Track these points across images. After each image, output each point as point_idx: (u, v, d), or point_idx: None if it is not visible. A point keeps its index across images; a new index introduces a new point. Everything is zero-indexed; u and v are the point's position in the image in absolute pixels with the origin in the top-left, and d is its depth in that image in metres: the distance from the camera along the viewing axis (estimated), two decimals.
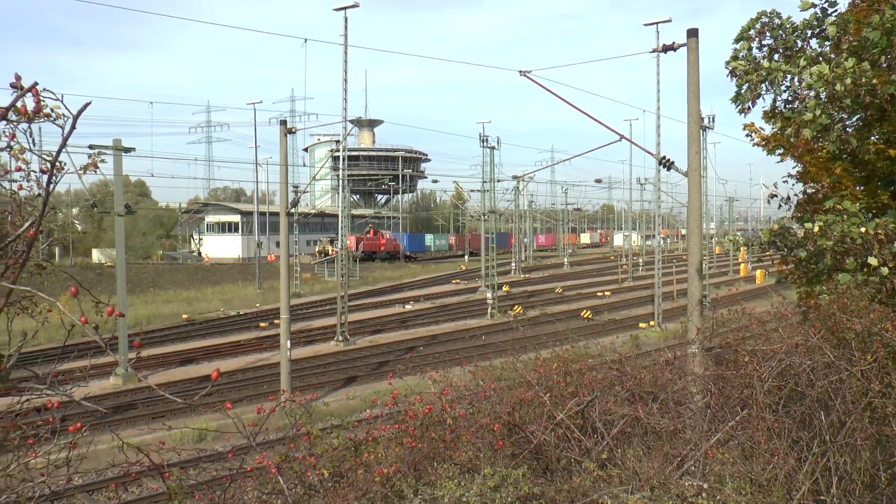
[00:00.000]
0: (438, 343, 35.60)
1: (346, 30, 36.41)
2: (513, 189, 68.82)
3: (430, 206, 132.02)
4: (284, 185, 26.13)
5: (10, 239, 3.37)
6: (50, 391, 3.59)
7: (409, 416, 7.32)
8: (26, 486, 3.90)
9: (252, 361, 31.06)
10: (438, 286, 61.48)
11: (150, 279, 60.37)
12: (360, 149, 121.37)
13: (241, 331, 39.10)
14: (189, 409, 24.04)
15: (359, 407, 23.51)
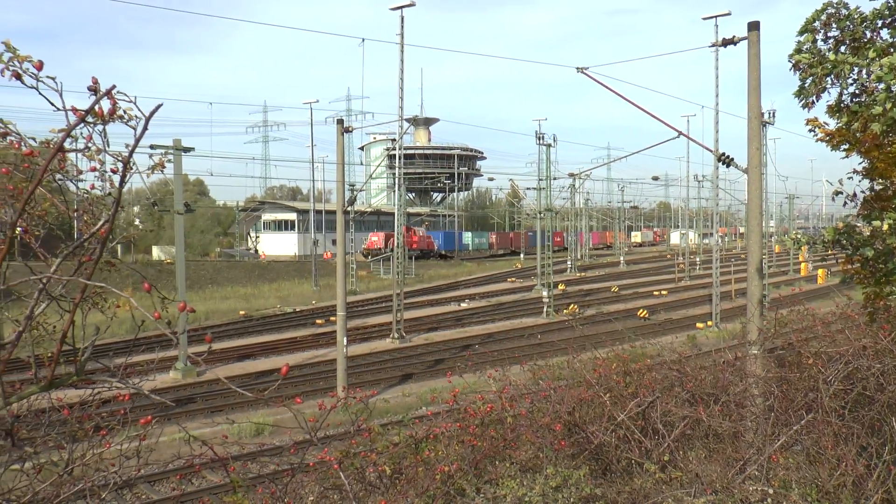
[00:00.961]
0: (494, 341, 35.54)
1: (402, 29, 36.57)
2: (569, 187, 68.32)
3: (486, 204, 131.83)
4: (341, 183, 26.36)
5: (85, 237, 3.47)
6: (121, 384, 3.69)
7: (468, 414, 7.30)
8: (99, 476, 4.00)
9: (308, 358, 31.41)
10: (494, 284, 61.37)
11: (208, 276, 61.41)
12: (415, 147, 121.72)
13: (297, 327, 39.55)
14: (246, 404, 24.44)
15: (415, 404, 23.60)
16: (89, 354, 3.70)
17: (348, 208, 27.42)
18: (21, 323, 3.74)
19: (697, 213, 79.86)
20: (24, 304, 3.85)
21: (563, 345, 32.26)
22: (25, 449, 4.14)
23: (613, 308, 46.59)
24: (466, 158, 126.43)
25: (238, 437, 19.85)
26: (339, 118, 28.20)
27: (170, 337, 3.05)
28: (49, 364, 3.83)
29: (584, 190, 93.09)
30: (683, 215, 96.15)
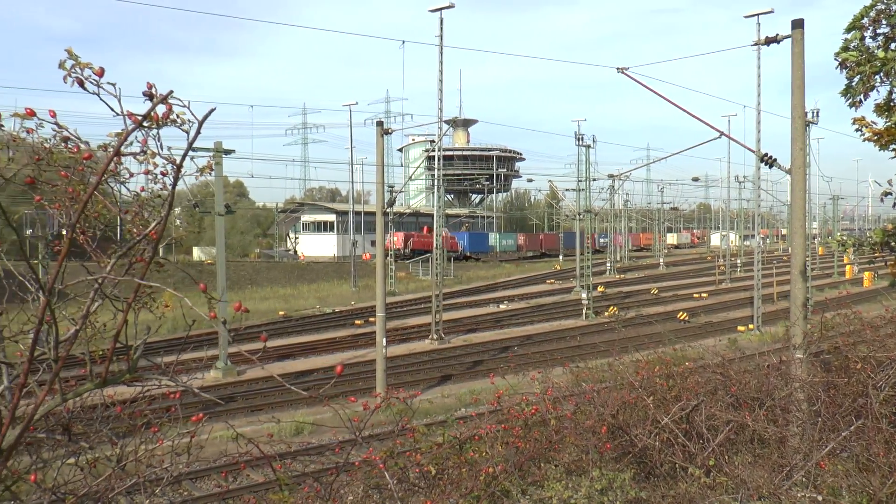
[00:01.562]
0: (533, 343, 35.45)
1: (441, 31, 36.66)
2: (608, 188, 67.86)
3: (525, 206, 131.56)
4: (381, 184, 26.48)
5: (138, 238, 3.55)
6: (171, 382, 3.76)
7: (512, 415, 7.29)
8: (151, 471, 4.09)
9: (347, 358, 31.58)
10: (533, 286, 61.21)
11: (248, 276, 62.05)
12: (454, 148, 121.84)
13: (336, 328, 39.79)
14: (286, 403, 24.66)
15: (454, 405, 23.63)
16: (141, 352, 3.78)
17: (388, 209, 27.52)
18: (77, 321, 3.83)
19: (738, 215, 78.64)
20: (76, 303, 3.95)
21: (602, 347, 32.09)
22: (80, 444, 4.25)
23: (653, 310, 46.19)
24: (505, 160, 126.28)
25: (278, 436, 20.05)
26: (379, 120, 28.35)
27: (226, 336, 3.11)
28: (101, 361, 3.92)
29: (623, 191, 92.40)
30: (724, 217, 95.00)
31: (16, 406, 3.40)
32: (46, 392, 3.56)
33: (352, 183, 75.67)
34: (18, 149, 3.66)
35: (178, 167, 3.25)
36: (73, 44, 22.45)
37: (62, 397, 3.75)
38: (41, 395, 3.54)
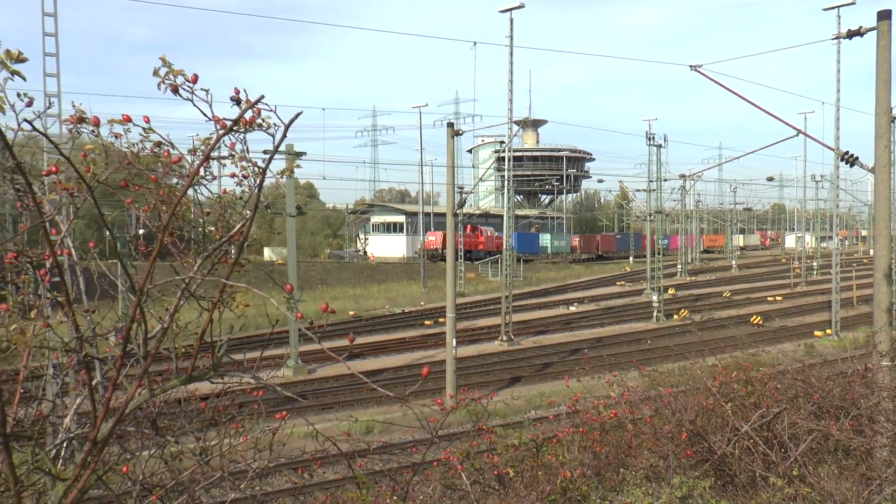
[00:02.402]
0: (603, 346, 35.10)
1: (511, 31, 36.61)
2: (679, 188, 66.71)
3: (595, 207, 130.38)
4: (451, 185, 26.56)
5: (224, 239, 3.64)
6: (253, 379, 3.86)
7: (588, 418, 7.20)
8: (235, 466, 4.19)
9: (417, 358, 31.76)
10: (602, 288, 60.65)
11: (318, 277, 62.89)
12: (524, 149, 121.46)
13: (406, 328, 40.05)
14: (356, 402, 24.95)
15: (523, 407, 23.56)
16: (225, 350, 3.88)
17: (458, 210, 27.58)
18: (161, 320, 3.95)
19: (815, 215, 76.28)
20: (159, 301, 4.08)
21: (673, 350, 31.56)
22: (167, 438, 4.39)
23: (725, 314, 45.22)
24: (575, 160, 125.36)
25: (346, 435, 20.25)
26: (450, 121, 28.44)
27: (311, 336, 3.17)
28: (183, 358, 4.04)
29: (694, 191, 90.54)
30: (799, 217, 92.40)
31: (109, 400, 3.52)
32: (136, 387, 3.68)
33: (421, 184, 76.37)
34: (108, 154, 3.79)
35: (264, 170, 3.33)
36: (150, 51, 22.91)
37: (150, 392, 3.87)
38: (132, 390, 3.67)
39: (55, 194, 4.26)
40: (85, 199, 4.03)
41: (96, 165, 3.58)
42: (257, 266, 20.13)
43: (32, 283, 4.51)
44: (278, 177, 4.17)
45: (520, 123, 45.68)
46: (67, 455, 4.47)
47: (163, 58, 2.97)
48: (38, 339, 4.31)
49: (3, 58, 3.08)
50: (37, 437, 4.04)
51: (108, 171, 3.62)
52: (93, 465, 3.69)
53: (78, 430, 4.43)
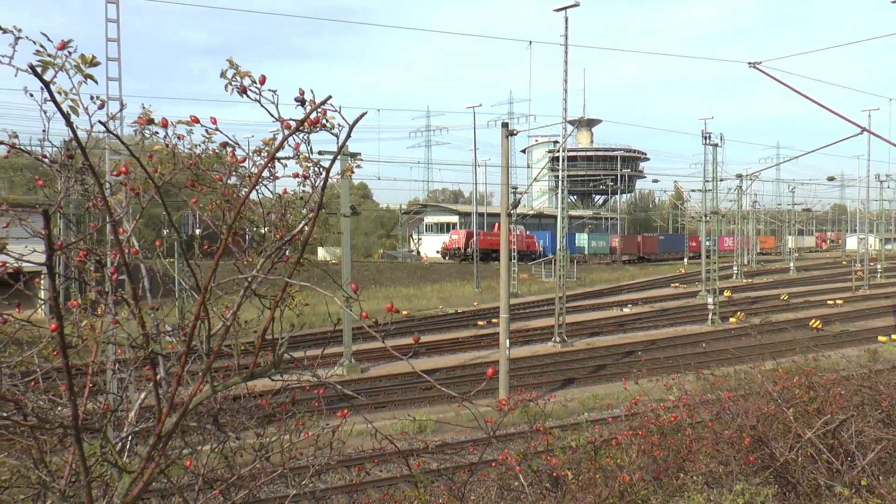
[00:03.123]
0: (658, 348, 34.67)
1: (566, 30, 36.40)
2: (735, 188, 65.54)
3: (649, 207, 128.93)
4: (505, 185, 26.52)
5: (286, 239, 3.70)
6: (314, 377, 3.91)
7: (646, 422, 7.10)
8: (295, 462, 4.25)
9: (470, 359, 31.77)
10: (656, 289, 59.94)
11: (371, 276, 63.27)
12: (578, 149, 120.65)
13: (459, 328, 40.08)
14: (409, 401, 25.05)
15: (577, 409, 23.42)
16: (286, 348, 3.94)
17: (511, 211, 27.52)
18: (223, 317, 4.03)
19: (878, 216, 74.13)
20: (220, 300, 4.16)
21: (730, 354, 31.04)
22: (228, 433, 4.47)
23: (782, 317, 44.23)
24: (629, 160, 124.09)
25: (401, 433, 20.33)
26: (504, 121, 28.40)
27: (374, 334, 3.21)
28: (244, 355, 4.11)
29: (751, 191, 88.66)
30: (862, 218, 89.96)
31: (174, 395, 3.60)
32: (200, 383, 3.76)
33: (475, 184, 76.25)
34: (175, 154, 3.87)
35: (328, 170, 3.37)
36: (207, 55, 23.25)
37: (212, 389, 3.95)
38: (195, 386, 3.74)
39: (121, 194, 4.37)
40: (151, 199, 4.13)
41: (164, 166, 3.66)
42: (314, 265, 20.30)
43: (100, 281, 4.63)
44: (338, 177, 4.22)
45: (574, 123, 45.37)
46: (131, 448, 4.59)
47: (230, 60, 3.03)
48: (106, 336, 4.44)
49: (79, 62, 3.17)
50: (104, 431, 4.15)
51: (173, 171, 3.70)
52: (157, 458, 3.78)
53: (141, 424, 4.54)
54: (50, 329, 3.42)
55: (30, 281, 4.16)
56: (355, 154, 31.69)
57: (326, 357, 29.04)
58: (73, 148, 3.85)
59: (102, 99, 3.74)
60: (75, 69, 3.22)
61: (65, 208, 4.36)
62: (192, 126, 3.64)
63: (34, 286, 5.50)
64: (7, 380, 3.97)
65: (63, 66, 3.14)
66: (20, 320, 4.29)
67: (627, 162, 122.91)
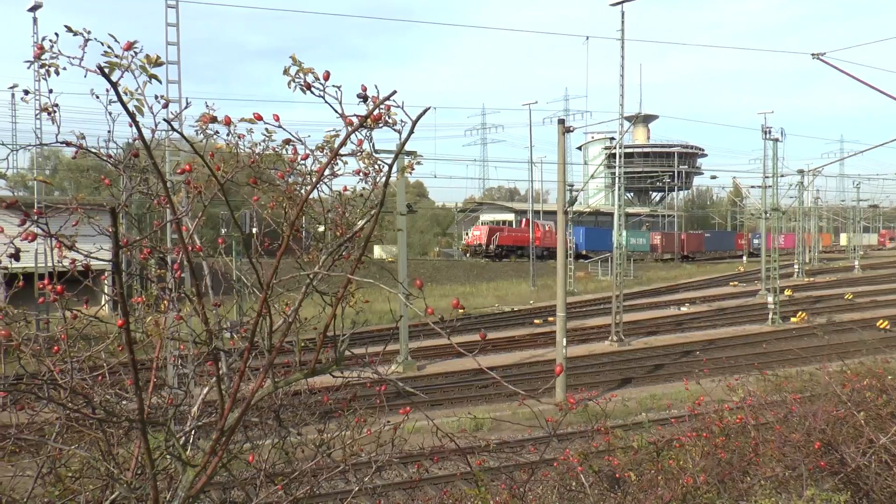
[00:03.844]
0: (716, 348, 34.06)
1: (622, 25, 35.99)
2: (796, 184, 63.92)
3: (706, 204, 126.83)
4: (562, 183, 26.34)
5: (349, 235, 3.71)
6: (375, 374, 3.92)
7: (708, 423, 6.93)
8: (357, 459, 4.26)
9: (526, 357, 31.61)
10: (715, 288, 58.95)
11: (427, 274, 63.35)
12: (634, 145, 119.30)
13: (515, 327, 39.92)
14: (465, 399, 25.05)
15: (635, 409, 23.13)
16: (347, 345, 3.95)
17: (568, 208, 27.32)
18: (283, 314, 4.07)
19: None
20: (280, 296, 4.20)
21: (794, 354, 30.35)
22: (289, 429, 4.51)
23: (847, 317, 42.99)
24: (686, 156, 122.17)
25: (458, 431, 20.34)
26: (561, 118, 28.20)
27: (439, 331, 3.20)
28: (304, 351, 4.14)
29: (813, 187, 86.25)
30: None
31: (237, 390, 3.64)
32: (262, 378, 3.79)
33: (531, 182, 75.71)
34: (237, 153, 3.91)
35: (390, 167, 3.37)
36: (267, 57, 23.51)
37: (274, 385, 3.98)
38: (258, 381, 3.78)
39: (183, 193, 4.45)
40: (213, 197, 4.19)
41: (226, 164, 3.70)
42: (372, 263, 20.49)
43: (164, 278, 4.71)
44: (398, 175, 4.22)
45: (630, 119, 44.82)
46: (193, 442, 4.65)
47: (293, 57, 3.04)
48: (170, 332, 4.52)
49: (144, 62, 3.22)
50: (169, 424, 4.22)
51: (235, 169, 3.74)
52: (220, 453, 3.82)
53: (203, 419, 4.61)
54: (117, 325, 3.48)
55: (97, 278, 4.25)
56: (411, 152, 31.76)
57: (382, 354, 29.07)
58: (139, 147, 3.93)
59: (167, 98, 3.80)
60: (140, 69, 3.26)
61: (129, 207, 4.44)
62: (253, 125, 3.67)
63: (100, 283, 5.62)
64: (77, 374, 4.07)
65: (129, 66, 3.18)
66: (88, 316, 4.39)
67: (685, 158, 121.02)
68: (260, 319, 3.66)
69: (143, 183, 4.22)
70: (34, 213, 3.34)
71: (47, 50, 3.27)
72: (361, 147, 3.33)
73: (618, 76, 35.96)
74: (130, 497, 4.03)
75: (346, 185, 4.40)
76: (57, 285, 4.13)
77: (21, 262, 3.68)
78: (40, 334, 4.32)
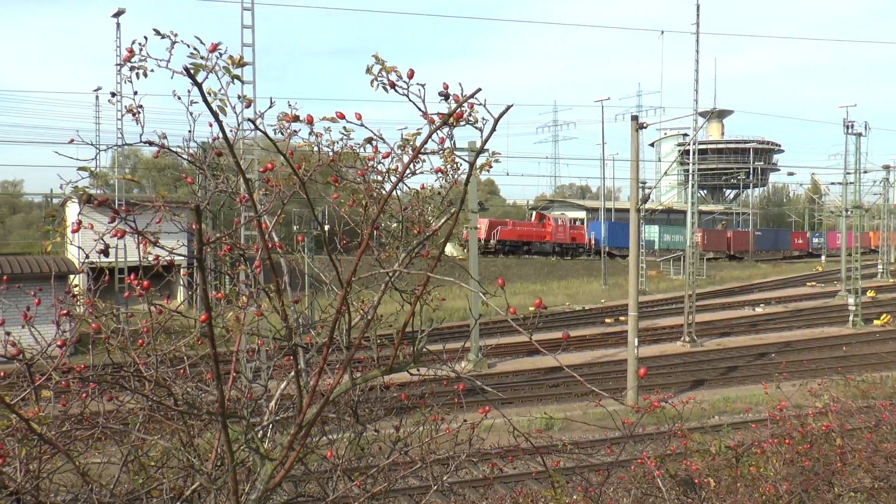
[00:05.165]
0: (793, 351, 33.16)
1: (697, 18, 35.33)
2: (881, 180, 61.66)
3: (783, 201, 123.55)
4: (635, 181, 25.99)
5: (429, 233, 3.73)
6: (453, 372, 3.93)
7: (789, 429, 6.71)
8: (434, 456, 4.27)
9: (597, 357, 31.33)
10: (791, 288, 57.42)
11: (498, 272, 63.19)
12: (708, 141, 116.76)
13: (586, 326, 39.62)
14: (535, 398, 24.94)
15: (707, 412, 22.69)
16: (425, 343, 3.97)
17: (641, 206, 26.95)
18: (365, 311, 4.10)
19: None
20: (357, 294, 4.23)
21: (878, 358, 29.41)
22: (366, 426, 4.56)
23: None
24: (762, 152, 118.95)
25: (528, 430, 20.25)
26: (634, 114, 27.84)
27: (519, 329, 3.19)
28: (381, 348, 4.16)
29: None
30: None
31: (316, 386, 3.68)
32: (341, 375, 3.83)
33: (602, 179, 75.10)
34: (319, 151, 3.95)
35: (472, 164, 3.37)
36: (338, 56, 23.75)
37: (352, 381, 4.02)
38: (337, 377, 3.82)
39: (263, 191, 4.52)
40: (292, 195, 4.25)
41: (307, 163, 3.75)
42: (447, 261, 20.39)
43: (245, 275, 4.80)
44: (477, 171, 4.21)
45: (705, 115, 43.87)
46: (270, 436, 4.73)
47: (376, 55, 3.05)
48: (250, 327, 4.60)
49: (228, 63, 3.27)
50: (249, 418, 4.30)
51: (315, 168, 3.78)
52: (298, 447, 3.88)
53: (280, 413, 4.68)
54: (200, 320, 3.56)
55: (178, 274, 4.36)
56: (482, 150, 31.74)
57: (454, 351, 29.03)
58: (221, 146, 4.01)
59: (249, 98, 3.87)
60: (224, 70, 3.32)
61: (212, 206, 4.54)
62: (331, 123, 3.70)
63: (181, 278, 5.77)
64: (160, 367, 4.19)
65: (213, 68, 3.24)
66: (171, 310, 4.51)
67: (760, 154, 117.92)
68: (339, 316, 3.68)
69: (224, 181, 4.30)
70: (123, 210, 3.43)
71: (136, 53, 3.36)
72: (443, 145, 3.33)
73: (692, 71, 35.40)
74: (211, 487, 4.13)
75: (424, 182, 4.42)
76: (144, 281, 4.26)
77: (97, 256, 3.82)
78: (126, 328, 4.46)
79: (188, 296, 31.03)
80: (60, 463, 4.08)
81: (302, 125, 3.71)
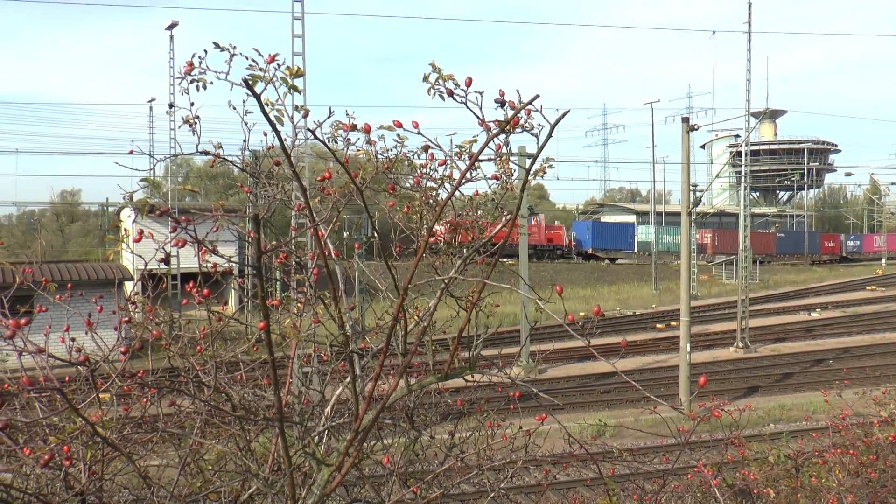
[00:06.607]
0: (852, 357, 32.34)
1: (749, 17, 34.79)
2: None
3: (840, 203, 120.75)
4: (686, 183, 25.67)
5: (485, 239, 3.74)
6: (508, 378, 3.93)
7: (851, 438, 6.51)
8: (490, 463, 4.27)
9: (648, 362, 30.98)
10: (849, 293, 55.98)
11: (548, 277, 62.89)
12: (760, 142, 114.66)
13: (637, 331, 39.20)
14: (587, 404, 24.76)
15: (761, 420, 22.28)
16: (480, 349, 3.98)
17: (692, 209, 26.62)
18: (423, 318, 4.12)
19: None
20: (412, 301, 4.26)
21: None
22: (421, 431, 4.57)
23: None
24: (817, 152, 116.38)
25: (579, 436, 20.13)
26: (685, 116, 27.54)
27: (573, 333, 3.17)
28: (435, 354, 4.18)
29: None
30: None
31: (372, 392, 3.71)
32: (398, 381, 3.85)
33: (653, 182, 74.08)
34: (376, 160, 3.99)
35: (528, 170, 3.36)
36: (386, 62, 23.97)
37: (408, 387, 4.04)
38: (393, 384, 3.84)
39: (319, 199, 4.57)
40: (347, 202, 4.29)
41: (363, 171, 3.78)
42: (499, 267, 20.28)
43: (301, 282, 4.86)
44: (531, 177, 4.21)
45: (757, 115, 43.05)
46: (326, 441, 4.78)
47: (432, 64, 3.07)
48: (307, 333, 4.65)
49: (286, 74, 3.33)
50: (305, 424, 4.35)
51: (372, 175, 3.81)
52: (355, 453, 3.91)
53: (336, 419, 4.72)
54: (258, 327, 3.61)
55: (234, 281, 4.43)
56: (531, 155, 31.68)
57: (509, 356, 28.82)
58: (276, 155, 4.07)
59: (306, 108, 3.92)
60: (281, 81, 3.37)
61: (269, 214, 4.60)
62: (385, 132, 3.73)
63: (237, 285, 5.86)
64: (218, 372, 4.26)
65: (271, 79, 3.30)
66: (228, 317, 4.59)
67: (815, 154, 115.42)
68: (395, 323, 3.71)
69: (282, 191, 4.37)
70: (183, 220, 3.50)
71: (196, 66, 3.43)
72: (500, 152, 3.33)
73: (744, 70, 34.84)
74: (268, 491, 4.18)
75: (478, 189, 4.44)
76: (204, 288, 4.35)
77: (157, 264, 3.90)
78: (186, 334, 4.55)
79: (244, 303, 31.53)
80: (121, 465, 4.16)
81: (357, 133, 3.76)
